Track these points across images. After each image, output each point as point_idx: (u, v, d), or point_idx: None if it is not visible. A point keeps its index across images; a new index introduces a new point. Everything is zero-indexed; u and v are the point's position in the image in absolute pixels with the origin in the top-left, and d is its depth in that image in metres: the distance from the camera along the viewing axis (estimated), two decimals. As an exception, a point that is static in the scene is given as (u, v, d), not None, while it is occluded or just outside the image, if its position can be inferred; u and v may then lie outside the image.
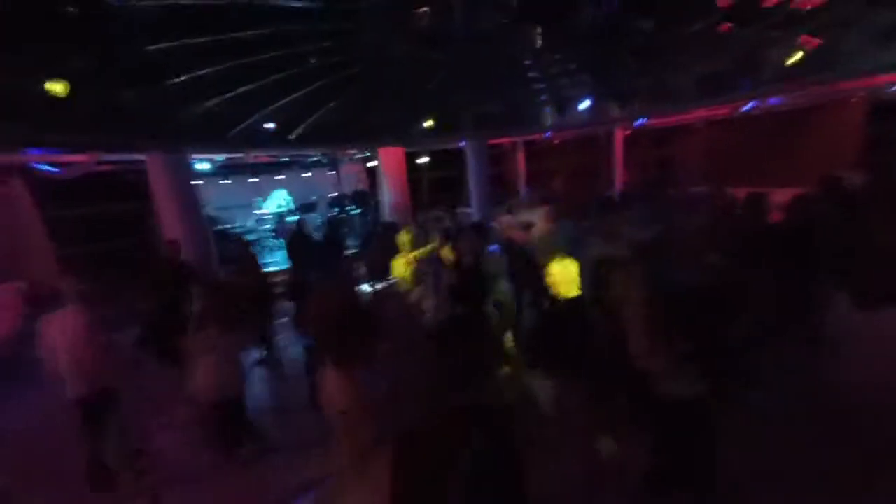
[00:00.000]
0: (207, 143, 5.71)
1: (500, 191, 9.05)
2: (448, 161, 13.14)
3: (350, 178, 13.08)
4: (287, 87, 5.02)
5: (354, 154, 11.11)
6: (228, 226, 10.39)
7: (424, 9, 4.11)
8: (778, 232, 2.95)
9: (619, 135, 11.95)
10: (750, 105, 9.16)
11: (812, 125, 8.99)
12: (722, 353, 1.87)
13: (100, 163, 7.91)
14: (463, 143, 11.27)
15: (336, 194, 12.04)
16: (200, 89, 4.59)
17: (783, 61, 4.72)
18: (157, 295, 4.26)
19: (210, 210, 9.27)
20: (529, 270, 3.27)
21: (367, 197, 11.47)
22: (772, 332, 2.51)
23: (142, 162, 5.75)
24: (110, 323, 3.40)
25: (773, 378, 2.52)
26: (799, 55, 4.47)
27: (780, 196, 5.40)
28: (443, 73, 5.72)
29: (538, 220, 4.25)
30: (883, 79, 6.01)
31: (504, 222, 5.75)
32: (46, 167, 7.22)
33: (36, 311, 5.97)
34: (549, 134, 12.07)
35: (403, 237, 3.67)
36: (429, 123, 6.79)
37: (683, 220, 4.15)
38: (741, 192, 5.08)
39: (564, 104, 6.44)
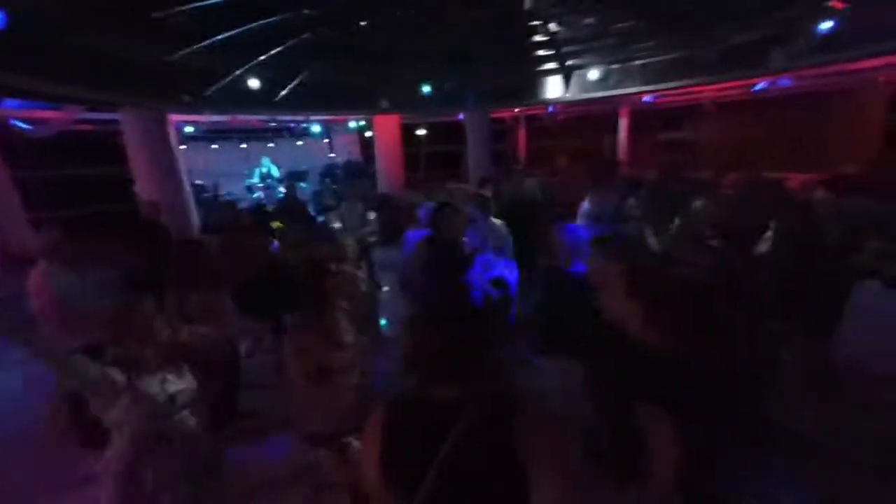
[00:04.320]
0: (183, 100, 5.25)
1: (500, 168, 8.63)
2: (448, 135, 12.68)
3: (344, 148, 12.62)
4: (273, 38, 4.58)
5: (347, 122, 10.62)
6: (214, 194, 9.99)
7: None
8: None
9: (625, 114, 11.48)
10: (761, 85, 8.70)
11: (828, 111, 8.54)
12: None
13: (77, 122, 7.45)
14: (462, 117, 10.81)
15: (328, 164, 11.60)
16: (175, 35, 4.14)
17: (812, 31, 4.33)
18: (137, 256, 4.03)
19: (194, 177, 8.88)
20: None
21: (360, 167, 11.06)
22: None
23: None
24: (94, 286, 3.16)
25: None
26: (830, 23, 4.08)
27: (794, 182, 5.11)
28: (444, 35, 5.27)
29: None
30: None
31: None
32: (18, 123, 6.76)
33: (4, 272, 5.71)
34: (552, 109, 11.59)
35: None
36: (426, 89, 6.34)
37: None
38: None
39: (571, 74, 6.01)
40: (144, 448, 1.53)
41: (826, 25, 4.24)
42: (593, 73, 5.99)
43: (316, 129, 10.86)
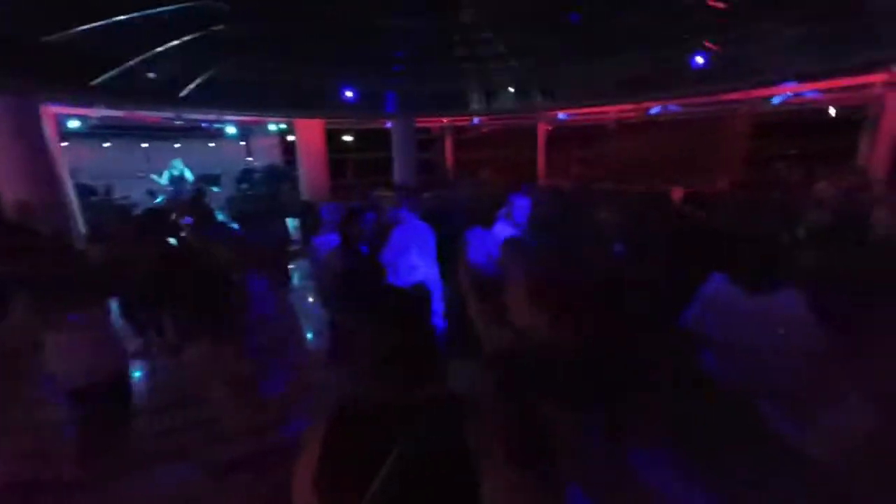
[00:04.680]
0: (63, 90, 4.59)
1: (426, 177, 8.76)
2: (377, 142, 12.56)
3: (263, 151, 11.92)
4: (181, 26, 4.20)
5: (267, 124, 10.06)
6: (105, 197, 8.84)
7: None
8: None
9: (542, 129, 12.33)
10: (656, 109, 9.96)
11: (704, 135, 9.95)
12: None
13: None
14: (389, 125, 10.81)
15: (244, 168, 10.84)
16: (58, 11, 3.62)
17: (689, 66, 5.09)
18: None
19: (81, 177, 7.79)
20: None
21: (281, 173, 10.49)
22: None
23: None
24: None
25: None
26: (700, 59, 4.84)
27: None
28: (370, 39, 5.25)
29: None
30: (764, 92, 6.78)
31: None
32: None
33: None
34: (477, 121, 12.07)
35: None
36: (350, 94, 6.26)
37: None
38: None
39: (492, 89, 6.34)
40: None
41: (699, 61, 5.00)
42: (512, 89, 6.37)
43: (231, 129, 10.10)
